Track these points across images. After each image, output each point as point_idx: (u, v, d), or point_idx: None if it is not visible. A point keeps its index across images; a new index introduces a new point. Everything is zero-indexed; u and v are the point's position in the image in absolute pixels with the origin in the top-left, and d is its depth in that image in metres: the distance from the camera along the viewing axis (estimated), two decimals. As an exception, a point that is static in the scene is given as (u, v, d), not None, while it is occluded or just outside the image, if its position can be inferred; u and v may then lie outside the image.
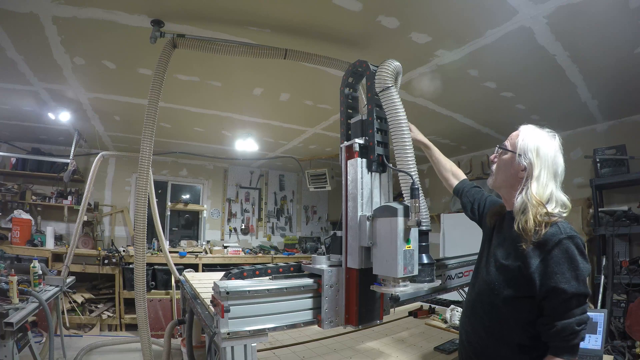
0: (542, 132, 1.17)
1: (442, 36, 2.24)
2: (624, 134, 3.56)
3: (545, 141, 1.14)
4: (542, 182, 1.09)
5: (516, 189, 1.14)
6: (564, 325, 0.97)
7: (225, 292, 1.10)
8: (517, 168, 1.15)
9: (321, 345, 1.84)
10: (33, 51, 2.51)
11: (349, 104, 1.44)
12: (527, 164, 1.12)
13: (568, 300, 0.97)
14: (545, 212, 1.05)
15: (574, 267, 0.98)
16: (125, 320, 4.73)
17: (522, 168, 1.13)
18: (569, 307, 0.98)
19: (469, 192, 1.53)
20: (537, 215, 1.04)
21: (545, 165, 1.11)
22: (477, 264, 1.30)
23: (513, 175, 1.16)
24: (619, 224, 3.18)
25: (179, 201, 6.08)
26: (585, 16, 1.96)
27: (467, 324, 1.25)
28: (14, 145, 4.98)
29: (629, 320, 2.58)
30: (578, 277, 0.97)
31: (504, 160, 1.20)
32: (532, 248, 1.03)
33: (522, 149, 1.14)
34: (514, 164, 1.16)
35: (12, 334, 2.12)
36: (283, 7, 2.01)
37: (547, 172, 1.10)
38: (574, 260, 0.98)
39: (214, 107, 3.65)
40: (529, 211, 1.05)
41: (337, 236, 1.31)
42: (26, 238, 4.65)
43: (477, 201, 1.47)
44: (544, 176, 1.10)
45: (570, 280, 0.97)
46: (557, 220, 1.04)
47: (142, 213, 1.97)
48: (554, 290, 0.98)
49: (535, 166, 1.10)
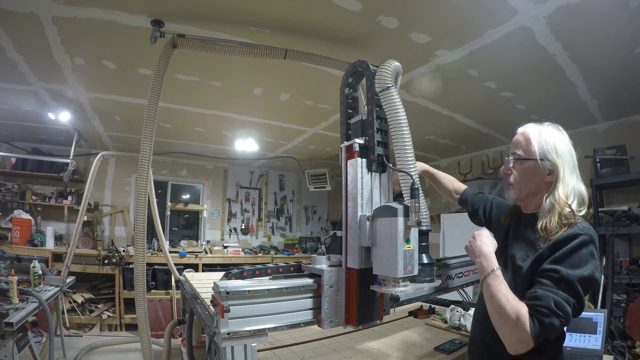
0: (550, 129, 1.16)
1: (442, 36, 2.24)
2: (624, 134, 3.56)
3: (557, 137, 1.13)
4: (567, 181, 1.09)
5: (540, 195, 1.13)
6: (543, 294, 0.94)
7: (225, 292, 1.10)
8: (542, 174, 1.13)
9: (321, 345, 1.84)
10: (33, 51, 2.51)
11: (349, 104, 1.44)
12: (552, 165, 1.10)
13: (557, 280, 0.95)
14: (570, 212, 1.05)
15: (577, 262, 0.96)
16: (125, 320, 4.73)
17: (547, 172, 1.12)
18: (556, 287, 0.95)
19: (472, 199, 1.54)
20: (562, 216, 1.04)
21: (565, 162, 1.10)
22: None
23: (539, 183, 1.14)
24: (619, 224, 3.18)
25: (179, 201, 6.08)
26: (585, 16, 1.96)
27: (480, 322, 1.23)
28: (14, 145, 4.98)
29: (629, 320, 2.58)
30: (576, 269, 0.95)
31: (526, 169, 1.16)
32: (547, 246, 1.02)
33: (541, 153, 1.12)
34: (538, 171, 1.13)
35: (12, 334, 2.12)
36: (283, 7, 2.01)
37: (568, 168, 1.10)
38: (580, 255, 0.97)
39: (214, 107, 3.65)
40: (555, 213, 1.05)
41: (337, 236, 1.31)
42: (26, 238, 4.65)
43: (482, 206, 1.48)
44: (567, 174, 1.09)
45: (568, 267, 0.96)
46: (576, 222, 1.03)
47: (142, 213, 1.97)
48: (550, 269, 0.97)
49: (559, 166, 1.09)
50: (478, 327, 1.26)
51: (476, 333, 1.27)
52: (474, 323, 1.32)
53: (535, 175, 1.14)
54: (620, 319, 2.96)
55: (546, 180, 1.12)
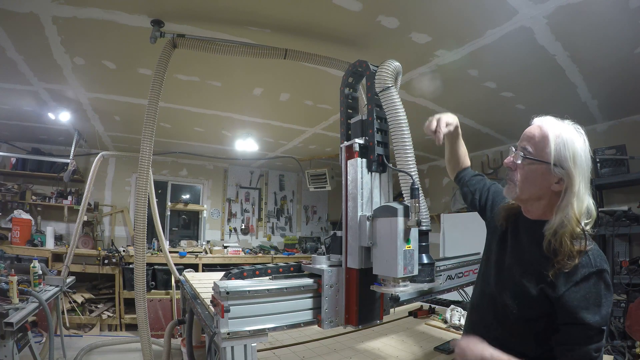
0: (571, 130, 1.00)
1: (442, 36, 2.24)
2: (624, 134, 3.56)
3: (578, 142, 0.98)
4: (581, 197, 0.96)
5: (543, 201, 1.03)
6: (583, 352, 0.92)
7: (225, 292, 1.10)
8: (550, 180, 0.99)
9: (321, 345, 1.84)
10: (33, 51, 2.51)
11: (349, 104, 1.44)
12: (565, 175, 0.96)
13: (589, 333, 0.92)
14: (580, 231, 0.95)
15: (598, 304, 0.93)
16: (125, 320, 4.73)
17: (556, 180, 0.98)
18: (589, 337, 0.93)
19: (470, 181, 1.40)
20: (573, 238, 0.94)
21: (582, 175, 0.96)
22: (484, 266, 1.22)
23: (544, 188, 1.01)
24: (619, 224, 3.17)
25: (179, 201, 6.07)
26: (585, 16, 1.96)
27: (473, 331, 1.16)
28: (14, 145, 4.98)
29: (629, 320, 2.58)
30: (601, 313, 0.92)
31: (535, 171, 1.01)
32: (558, 273, 0.95)
33: (556, 157, 0.96)
34: (547, 176, 0.99)
35: (12, 334, 2.12)
36: (283, 7, 2.01)
37: (584, 182, 0.96)
38: (599, 296, 0.93)
39: (214, 107, 3.65)
40: (565, 233, 0.94)
41: (337, 236, 1.31)
42: (26, 238, 4.65)
43: (479, 191, 1.35)
44: (582, 188, 0.96)
45: (594, 316, 0.92)
46: (588, 249, 0.95)
47: (142, 213, 1.98)
48: (580, 323, 0.92)
49: (575, 178, 0.95)
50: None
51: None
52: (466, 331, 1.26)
53: (543, 181, 1.00)
54: (620, 319, 2.96)
55: (553, 188, 0.99)
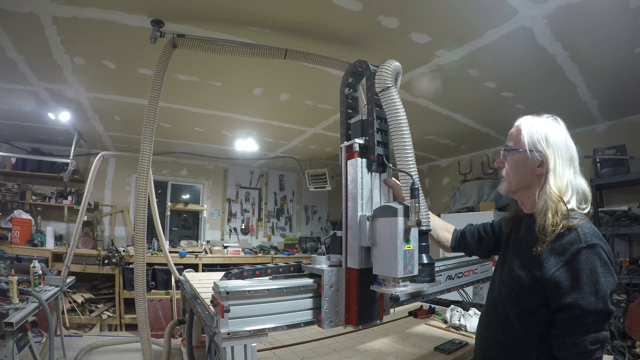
0: (544, 120, 1.11)
1: (442, 36, 2.24)
2: (624, 134, 3.57)
3: (551, 127, 1.08)
4: (559, 173, 1.03)
5: (533, 189, 1.08)
6: (574, 342, 0.90)
7: (225, 292, 1.10)
8: (532, 165, 1.07)
9: (321, 345, 1.84)
10: (33, 51, 2.51)
11: (349, 104, 1.44)
12: (541, 157, 1.05)
13: (583, 317, 0.89)
14: (566, 210, 0.98)
15: (593, 282, 0.89)
16: (125, 320, 4.73)
17: (537, 164, 1.06)
18: (584, 324, 0.89)
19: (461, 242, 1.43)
20: (557, 214, 0.97)
21: (558, 153, 1.04)
22: (493, 274, 1.26)
23: (529, 175, 1.09)
24: (619, 224, 3.18)
25: (179, 201, 6.08)
26: (585, 16, 1.96)
27: (481, 337, 1.20)
28: (14, 145, 4.98)
29: (629, 320, 2.58)
30: (597, 293, 0.88)
31: (515, 160, 1.12)
32: (548, 254, 0.96)
33: (530, 143, 1.07)
34: (527, 162, 1.08)
35: (12, 334, 2.12)
36: (283, 7, 2.01)
37: (561, 160, 1.04)
38: (593, 273, 0.90)
39: (214, 107, 3.65)
40: (548, 209, 0.98)
41: (337, 236, 1.31)
42: (26, 238, 4.65)
43: (472, 239, 1.39)
44: (559, 166, 1.03)
45: (588, 296, 0.88)
46: (577, 224, 0.95)
47: (142, 213, 1.97)
48: (570, 305, 0.90)
49: (550, 157, 1.04)
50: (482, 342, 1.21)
51: (484, 349, 1.20)
52: (476, 338, 1.27)
53: (525, 167, 1.09)
54: (620, 319, 2.96)
55: (537, 172, 1.07)
